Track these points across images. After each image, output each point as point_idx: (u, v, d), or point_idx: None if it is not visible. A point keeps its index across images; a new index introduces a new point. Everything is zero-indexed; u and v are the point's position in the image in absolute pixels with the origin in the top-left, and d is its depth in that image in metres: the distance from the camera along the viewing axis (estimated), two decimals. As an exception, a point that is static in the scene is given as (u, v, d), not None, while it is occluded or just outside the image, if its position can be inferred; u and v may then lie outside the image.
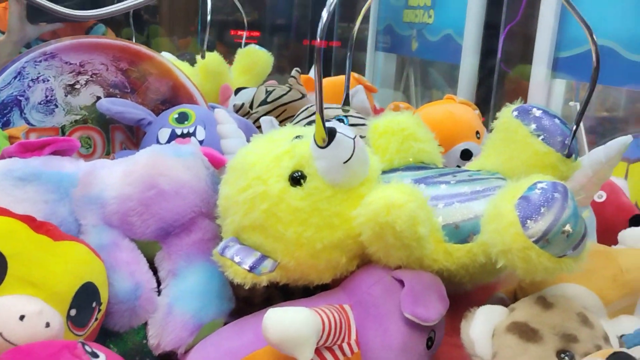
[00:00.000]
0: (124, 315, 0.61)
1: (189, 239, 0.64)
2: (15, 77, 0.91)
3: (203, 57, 1.49)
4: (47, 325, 0.49)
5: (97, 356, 0.45)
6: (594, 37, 0.61)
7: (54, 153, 0.70)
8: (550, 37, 1.08)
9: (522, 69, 1.23)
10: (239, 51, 1.57)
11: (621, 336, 0.60)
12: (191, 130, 0.92)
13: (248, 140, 0.67)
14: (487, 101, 1.27)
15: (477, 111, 1.00)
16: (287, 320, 0.52)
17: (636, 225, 0.85)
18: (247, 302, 0.68)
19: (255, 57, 1.56)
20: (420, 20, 1.56)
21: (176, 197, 0.64)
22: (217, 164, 0.69)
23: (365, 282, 0.60)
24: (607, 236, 0.84)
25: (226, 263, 0.59)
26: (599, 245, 0.70)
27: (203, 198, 0.65)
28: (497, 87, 1.24)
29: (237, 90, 1.28)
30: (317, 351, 0.56)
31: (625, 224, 0.86)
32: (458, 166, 0.92)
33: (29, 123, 0.92)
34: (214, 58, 1.47)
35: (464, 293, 0.69)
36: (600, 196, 0.89)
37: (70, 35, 0.97)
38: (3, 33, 1.21)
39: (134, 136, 1.00)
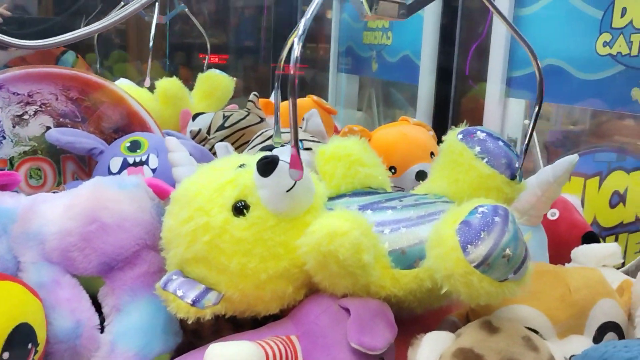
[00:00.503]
0: (64, 356, 0.59)
1: (133, 272, 0.63)
2: (-40, 109, 0.89)
3: (146, 84, 1.49)
4: (-24, 371, 0.47)
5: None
6: (538, 60, 0.62)
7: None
8: (503, 55, 1.10)
9: (482, 87, 1.24)
10: (199, 76, 1.56)
11: (570, 357, 0.60)
12: (144, 159, 0.91)
13: None
14: (444, 121, 1.28)
15: (432, 132, 1.01)
16: (228, 356, 0.51)
17: (589, 242, 0.86)
18: (196, 335, 0.66)
19: (215, 82, 1.55)
20: (379, 42, 1.57)
21: (119, 231, 0.62)
22: (163, 195, 0.67)
23: (312, 312, 0.59)
24: (561, 254, 0.85)
25: (169, 297, 0.57)
26: (548, 265, 0.70)
27: (148, 230, 0.64)
28: (454, 107, 1.25)
29: (195, 116, 1.27)
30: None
31: (578, 241, 0.87)
32: (413, 188, 0.92)
33: (-25, 155, 0.90)
34: (172, 83, 1.46)
35: (416, 318, 0.69)
36: (553, 214, 0.90)
37: (40, 62, 0.95)
38: None
39: (86, 166, 0.98)
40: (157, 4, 1.59)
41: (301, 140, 0.94)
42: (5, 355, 0.51)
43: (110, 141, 0.96)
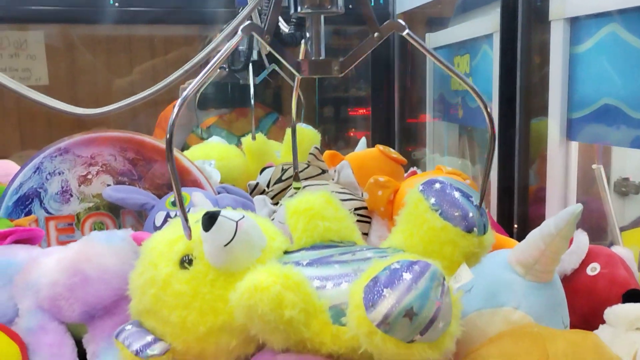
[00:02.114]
0: (42, 397, 0.64)
1: (111, 321, 0.68)
2: (34, 172, 1.03)
3: (253, 138, 1.57)
4: None
5: None
6: (488, 109, 0.58)
7: (22, 242, 0.77)
8: (561, 96, 1.02)
9: (543, 125, 1.17)
10: (287, 130, 1.63)
11: None
12: (184, 213, 0.97)
13: None
14: (512, 164, 1.20)
15: (469, 181, 0.95)
16: None
17: (632, 301, 0.75)
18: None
19: (301, 135, 1.60)
20: (463, 87, 1.53)
21: (99, 282, 0.67)
22: None
23: None
24: (598, 314, 0.76)
25: (119, 346, 0.61)
26: (533, 327, 0.63)
27: (127, 281, 0.69)
28: (519, 149, 1.18)
29: (263, 169, 1.32)
30: None
31: (618, 300, 0.77)
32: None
33: (47, 212, 1.03)
34: (257, 138, 1.54)
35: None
36: (594, 269, 0.80)
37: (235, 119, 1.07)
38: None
39: (143, 220, 1.07)
40: (250, 65, 1.70)
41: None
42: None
43: (165, 197, 1.04)
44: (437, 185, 0.62)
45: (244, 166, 1.54)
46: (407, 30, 0.59)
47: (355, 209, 0.94)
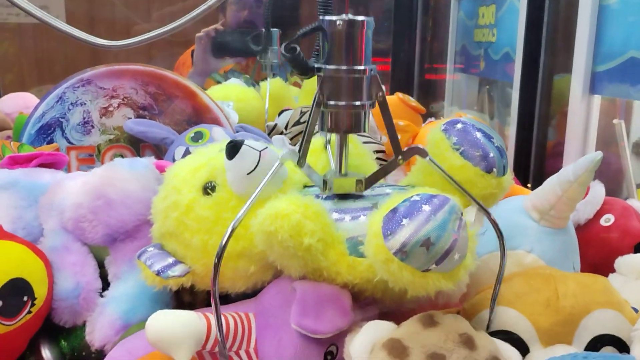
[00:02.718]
0: (65, 312, 0.67)
1: (132, 245, 0.69)
2: (57, 101, 1.04)
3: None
4: (-37, 311, 0.56)
5: None
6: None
7: (46, 166, 0.79)
8: (587, 49, 1.00)
9: (566, 80, 1.16)
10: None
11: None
12: (203, 148, 0.98)
13: None
14: (531, 118, 1.20)
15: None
16: (166, 322, 0.55)
17: (642, 252, 0.76)
18: (191, 307, 0.71)
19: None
20: (486, 39, 1.51)
21: (121, 206, 0.69)
22: None
23: (269, 292, 0.61)
24: (609, 264, 0.77)
25: (141, 266, 0.63)
26: (544, 268, 0.64)
27: (149, 207, 0.70)
28: (540, 103, 1.17)
29: (282, 112, 1.32)
30: (214, 358, 0.58)
31: (631, 250, 0.78)
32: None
33: (69, 142, 1.04)
34: (275, 83, 1.54)
35: (408, 312, 0.67)
36: (607, 220, 0.81)
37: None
38: None
39: (162, 154, 1.08)
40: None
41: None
42: (-1, 303, 0.60)
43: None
44: (460, 125, 0.62)
45: (262, 109, 1.54)
46: (428, 157, 0.60)
47: (375, 152, 0.94)
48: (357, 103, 0.59)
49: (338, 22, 0.57)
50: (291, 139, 1.19)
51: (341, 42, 0.58)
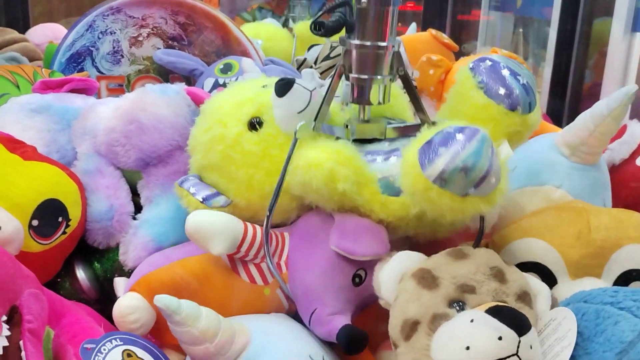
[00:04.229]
0: (99, 233, 0.68)
1: (165, 170, 0.70)
2: (87, 30, 1.03)
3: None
4: (-1, 228, 0.57)
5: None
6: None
7: (77, 91, 0.79)
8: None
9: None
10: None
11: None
12: (232, 80, 0.98)
13: None
14: (568, 58, 1.16)
15: (524, 65, 0.93)
16: (206, 216, 0.57)
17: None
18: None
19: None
20: (525, -24, 1.46)
21: (154, 131, 0.69)
22: (199, 102, 0.73)
23: (307, 214, 0.62)
24: (642, 204, 0.76)
25: (182, 193, 0.64)
26: (577, 202, 0.64)
27: (181, 133, 0.70)
28: (578, 44, 1.13)
29: (311, 46, 1.31)
30: (246, 268, 0.60)
31: (665, 190, 0.76)
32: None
33: (99, 71, 1.04)
34: (305, 24, 1.51)
35: (440, 243, 0.68)
36: (643, 159, 0.80)
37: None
38: None
39: (191, 85, 1.08)
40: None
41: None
42: (35, 222, 0.61)
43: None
44: (488, 63, 0.61)
45: (291, 50, 1.53)
46: None
47: (405, 87, 0.93)
48: (379, 77, 0.60)
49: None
50: (321, 74, 1.18)
51: (366, 18, 0.58)
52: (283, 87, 0.60)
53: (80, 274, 0.69)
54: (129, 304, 0.57)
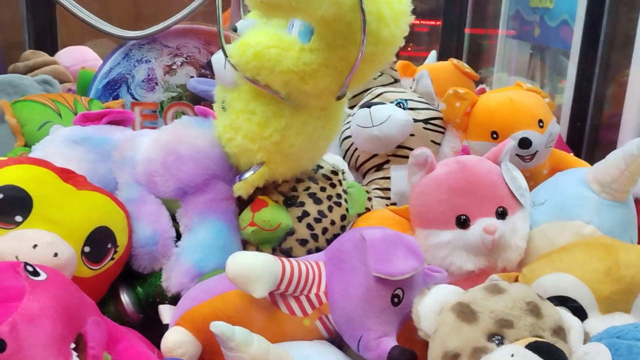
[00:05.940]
0: (144, 258, 0.71)
1: (203, 198, 0.73)
2: (123, 58, 1.07)
3: None
4: (55, 255, 0.60)
5: (38, 274, 0.53)
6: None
7: (115, 123, 0.82)
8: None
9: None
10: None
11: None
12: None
13: None
14: (588, 88, 1.18)
15: (548, 99, 0.95)
16: (245, 260, 0.59)
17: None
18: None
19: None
20: (542, 5, 1.49)
21: (191, 161, 0.72)
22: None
23: (339, 241, 0.65)
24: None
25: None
26: (604, 238, 0.66)
27: (217, 163, 0.73)
28: (599, 73, 1.15)
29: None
30: (285, 301, 0.62)
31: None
32: (517, 155, 0.89)
33: (133, 98, 1.08)
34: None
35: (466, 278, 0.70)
36: (665, 194, 0.82)
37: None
38: None
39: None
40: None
41: (406, 100, 0.96)
42: (87, 249, 0.64)
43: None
44: None
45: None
46: None
47: (431, 119, 0.95)
48: None
49: None
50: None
51: None
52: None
53: (125, 298, 0.71)
54: (176, 339, 0.60)
